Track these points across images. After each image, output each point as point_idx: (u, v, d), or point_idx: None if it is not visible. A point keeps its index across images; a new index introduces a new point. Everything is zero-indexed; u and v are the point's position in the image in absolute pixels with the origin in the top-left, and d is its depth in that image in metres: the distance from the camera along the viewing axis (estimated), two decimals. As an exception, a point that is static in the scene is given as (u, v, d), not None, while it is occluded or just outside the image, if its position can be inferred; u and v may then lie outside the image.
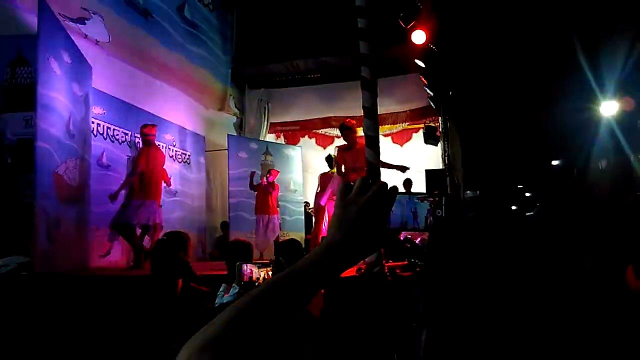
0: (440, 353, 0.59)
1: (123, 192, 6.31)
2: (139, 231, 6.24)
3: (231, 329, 0.69)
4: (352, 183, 0.80)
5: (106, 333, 3.49)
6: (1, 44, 5.43)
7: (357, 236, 0.76)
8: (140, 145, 6.63)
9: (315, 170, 9.64)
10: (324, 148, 11.45)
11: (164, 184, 6.77)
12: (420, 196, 0.87)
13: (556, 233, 0.62)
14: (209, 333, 0.69)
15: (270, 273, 1.29)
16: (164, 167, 6.76)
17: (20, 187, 5.22)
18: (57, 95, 5.16)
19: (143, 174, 6.25)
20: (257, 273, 1.33)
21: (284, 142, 11.24)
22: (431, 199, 0.87)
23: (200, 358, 0.66)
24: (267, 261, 1.32)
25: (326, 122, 11.08)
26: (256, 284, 1.34)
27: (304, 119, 11.23)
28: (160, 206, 6.50)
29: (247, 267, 1.35)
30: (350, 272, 4.03)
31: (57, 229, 5.01)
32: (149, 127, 6.47)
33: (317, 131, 11.42)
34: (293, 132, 11.47)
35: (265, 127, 11.17)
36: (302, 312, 1.34)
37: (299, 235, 9.00)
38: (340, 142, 11.33)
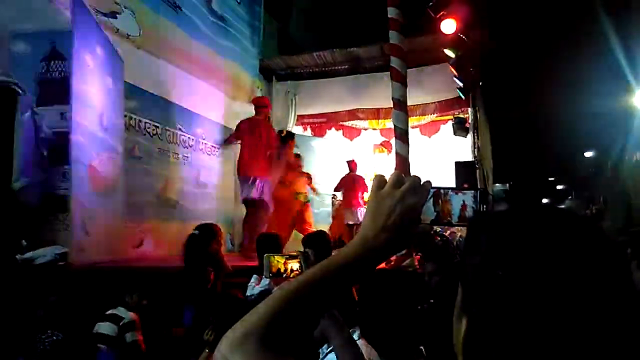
0: (482, 342, 0.60)
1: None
2: None
3: (273, 318, 0.71)
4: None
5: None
6: (36, 39, 5.55)
7: (391, 230, 0.76)
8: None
9: (341, 163, 9.62)
10: (351, 140, 11.44)
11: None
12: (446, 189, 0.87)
13: (595, 226, 0.61)
14: (250, 323, 0.71)
15: (298, 265, 1.31)
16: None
17: (56, 179, 5.37)
18: (90, 88, 5.28)
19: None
20: (286, 265, 1.34)
21: (310, 135, 11.24)
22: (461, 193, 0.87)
23: (243, 345, 0.69)
24: (295, 253, 1.35)
25: (353, 114, 11.03)
26: (284, 275, 1.35)
27: (330, 111, 11.19)
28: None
29: (275, 259, 1.36)
30: (381, 264, 4.03)
31: (91, 220, 5.14)
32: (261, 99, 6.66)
33: (344, 123, 11.39)
34: (320, 124, 11.45)
35: (292, 119, 11.20)
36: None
37: (327, 227, 9.02)
38: (368, 134, 11.34)
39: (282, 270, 1.31)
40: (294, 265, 1.33)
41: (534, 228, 0.59)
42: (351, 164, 9.24)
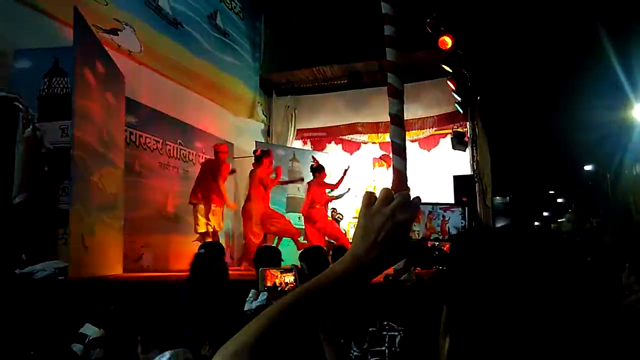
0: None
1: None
2: None
3: (263, 337, 0.71)
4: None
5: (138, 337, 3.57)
6: (39, 56, 5.62)
7: (381, 247, 0.77)
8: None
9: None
10: (351, 154, 11.44)
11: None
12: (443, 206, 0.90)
13: (589, 246, 0.63)
14: (242, 340, 0.71)
15: (292, 278, 1.32)
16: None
17: (57, 194, 5.39)
18: (91, 104, 5.32)
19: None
20: (281, 278, 1.36)
21: (310, 149, 11.27)
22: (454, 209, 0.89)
23: None
24: (289, 267, 1.36)
25: (352, 128, 11.06)
26: (279, 289, 1.37)
27: (330, 125, 11.23)
28: None
29: (270, 273, 1.38)
30: (378, 278, 4.03)
31: (91, 235, 5.15)
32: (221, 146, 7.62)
33: (344, 137, 11.42)
34: (319, 139, 11.48)
35: (292, 134, 11.23)
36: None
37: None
38: (367, 147, 11.37)
39: (277, 283, 1.33)
40: (289, 278, 1.34)
41: (517, 249, 0.60)
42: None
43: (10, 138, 4.84)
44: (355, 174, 10.41)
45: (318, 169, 8.19)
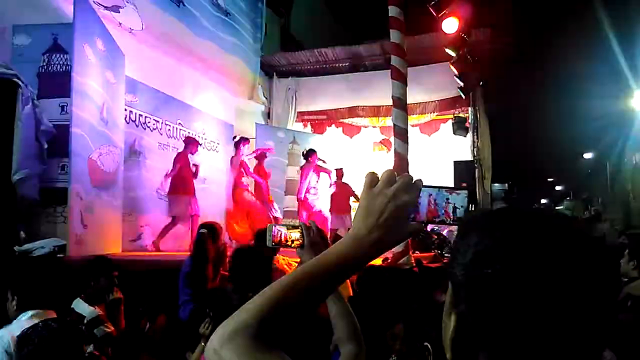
0: (470, 339, 0.61)
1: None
2: None
3: (262, 316, 0.72)
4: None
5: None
6: (38, 32, 5.56)
7: (382, 228, 0.77)
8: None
9: (341, 160, 9.61)
10: (351, 137, 11.42)
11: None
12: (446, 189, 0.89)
13: (583, 229, 0.62)
14: (241, 319, 0.72)
15: (298, 235, 1.32)
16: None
17: (55, 172, 5.38)
18: (91, 82, 5.29)
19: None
20: (287, 234, 1.36)
21: (310, 132, 11.23)
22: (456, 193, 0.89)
23: (233, 340, 0.70)
24: (296, 224, 1.37)
25: (353, 112, 11.02)
26: (285, 244, 1.38)
27: (331, 108, 11.18)
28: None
29: (276, 229, 1.39)
30: (377, 261, 4.04)
31: (90, 214, 5.15)
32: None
33: (344, 120, 11.38)
34: (320, 122, 11.44)
35: (292, 116, 11.18)
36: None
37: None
38: (367, 131, 11.33)
39: (283, 240, 1.33)
40: (295, 234, 1.34)
41: (524, 228, 0.60)
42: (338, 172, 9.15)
43: (9, 115, 4.81)
44: (355, 157, 10.40)
45: (310, 152, 8.36)
